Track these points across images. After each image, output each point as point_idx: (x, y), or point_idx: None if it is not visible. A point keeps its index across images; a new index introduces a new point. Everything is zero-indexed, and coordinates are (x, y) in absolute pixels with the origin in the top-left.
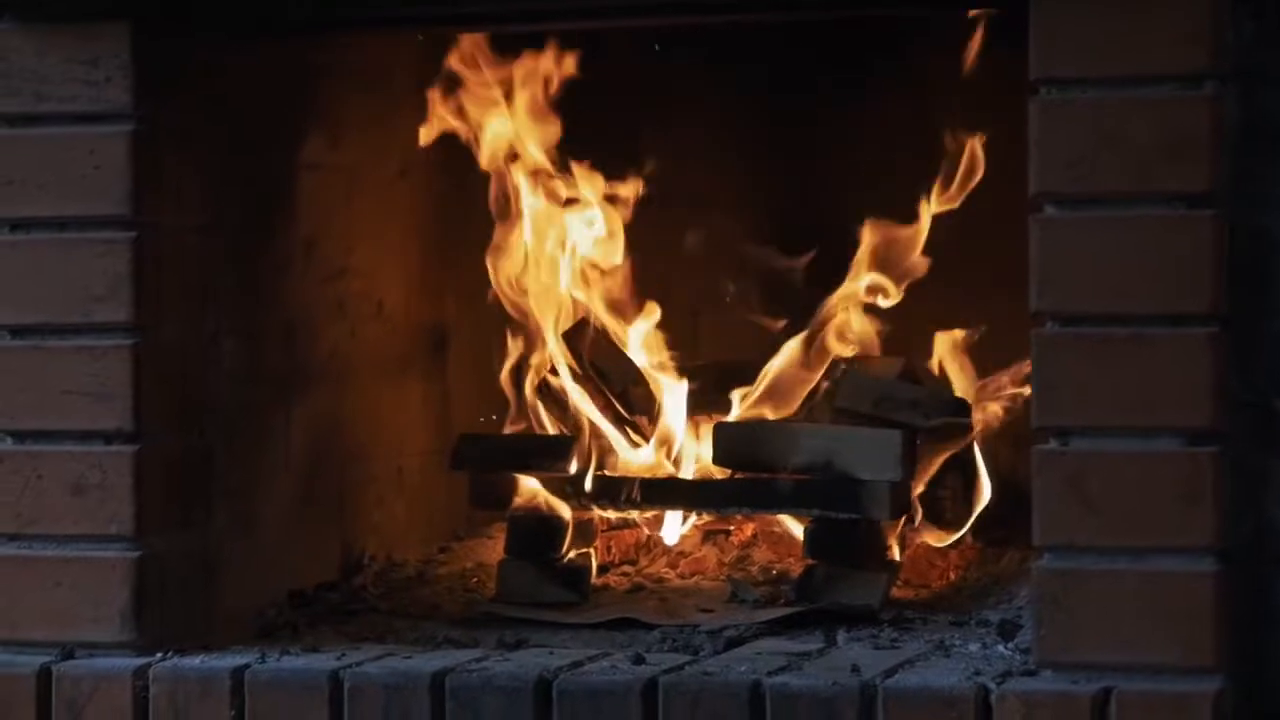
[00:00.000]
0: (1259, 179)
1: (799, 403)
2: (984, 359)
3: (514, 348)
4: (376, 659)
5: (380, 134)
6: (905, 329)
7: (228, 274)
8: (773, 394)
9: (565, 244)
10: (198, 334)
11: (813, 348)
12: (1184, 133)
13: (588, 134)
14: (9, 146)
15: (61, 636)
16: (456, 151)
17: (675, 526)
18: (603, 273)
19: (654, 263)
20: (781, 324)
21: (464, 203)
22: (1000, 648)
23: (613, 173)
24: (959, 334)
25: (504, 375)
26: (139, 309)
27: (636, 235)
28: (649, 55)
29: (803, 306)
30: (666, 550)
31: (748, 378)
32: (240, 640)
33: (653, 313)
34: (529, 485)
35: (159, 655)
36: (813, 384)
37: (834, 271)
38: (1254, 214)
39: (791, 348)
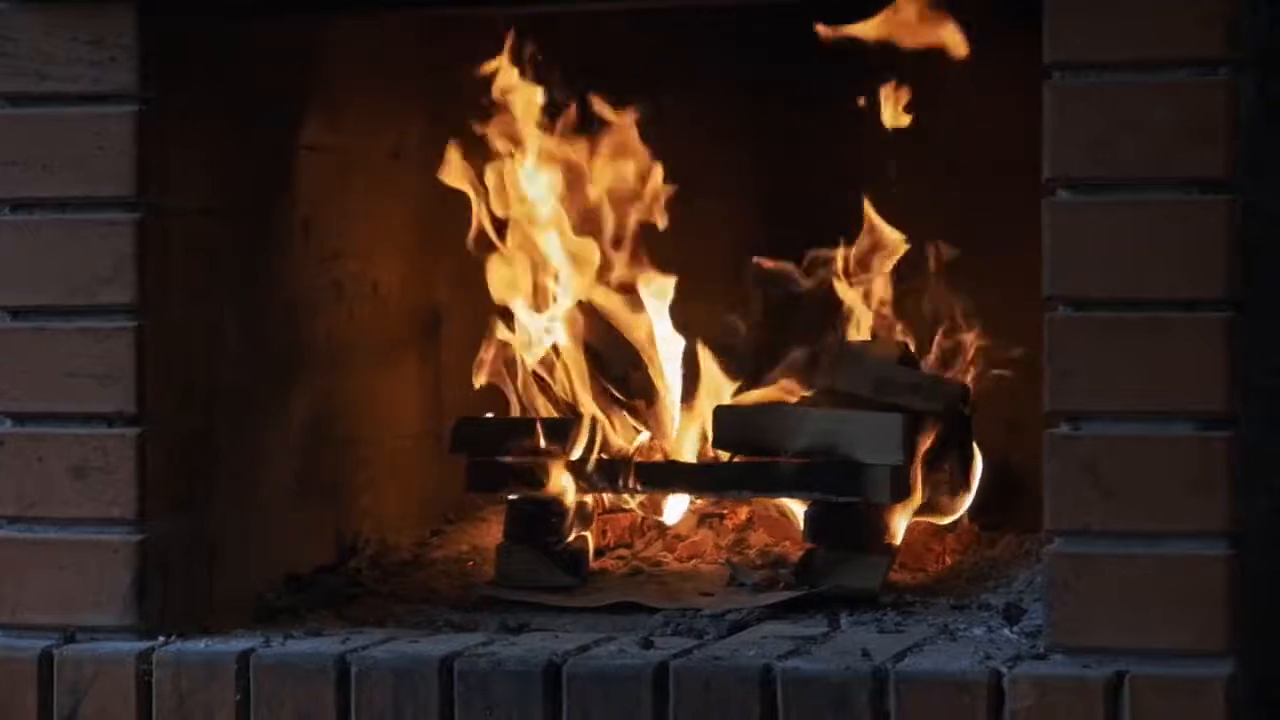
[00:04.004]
0: (1275, 164)
1: (798, 385)
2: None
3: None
4: (382, 643)
5: (375, 115)
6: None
7: (230, 255)
8: (772, 376)
9: (559, 226)
10: (201, 316)
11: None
12: (1200, 118)
13: (585, 114)
14: (12, 126)
15: (63, 620)
16: (451, 133)
17: (673, 510)
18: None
19: (652, 246)
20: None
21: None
22: (1006, 631)
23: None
24: None
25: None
26: (142, 291)
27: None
28: (647, 35)
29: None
30: (663, 534)
31: (746, 361)
32: (240, 623)
33: (654, 295)
34: (526, 468)
35: (161, 639)
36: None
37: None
38: (1270, 199)
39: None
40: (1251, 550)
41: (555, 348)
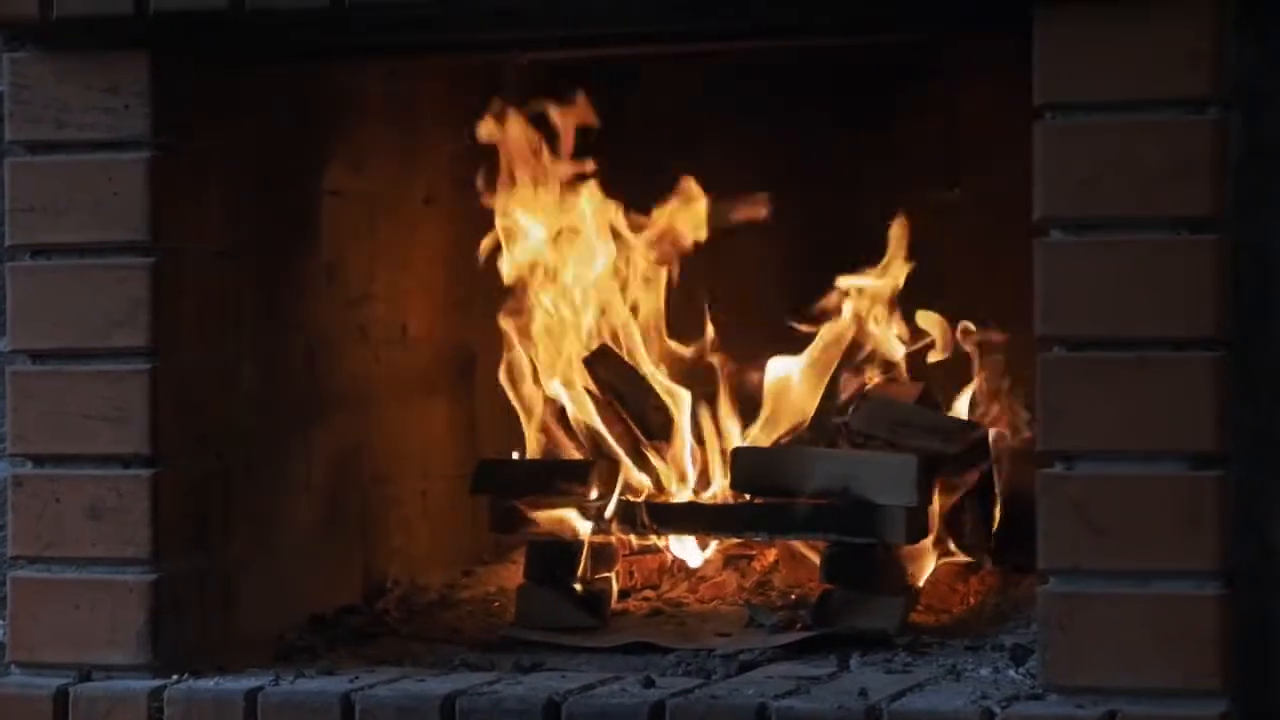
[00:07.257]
0: (1263, 202)
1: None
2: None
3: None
4: (389, 681)
5: (405, 161)
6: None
7: (249, 299)
8: (790, 418)
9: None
10: (217, 358)
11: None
12: (1187, 157)
13: (615, 157)
14: (30, 173)
15: (79, 658)
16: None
17: (698, 551)
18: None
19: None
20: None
21: (490, 228)
22: (1011, 672)
23: (639, 197)
24: None
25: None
26: (156, 334)
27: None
28: (679, 81)
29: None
30: (688, 575)
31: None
32: (258, 662)
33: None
34: (548, 510)
35: (174, 677)
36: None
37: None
38: (1259, 237)
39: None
40: (1242, 588)
41: (579, 390)
